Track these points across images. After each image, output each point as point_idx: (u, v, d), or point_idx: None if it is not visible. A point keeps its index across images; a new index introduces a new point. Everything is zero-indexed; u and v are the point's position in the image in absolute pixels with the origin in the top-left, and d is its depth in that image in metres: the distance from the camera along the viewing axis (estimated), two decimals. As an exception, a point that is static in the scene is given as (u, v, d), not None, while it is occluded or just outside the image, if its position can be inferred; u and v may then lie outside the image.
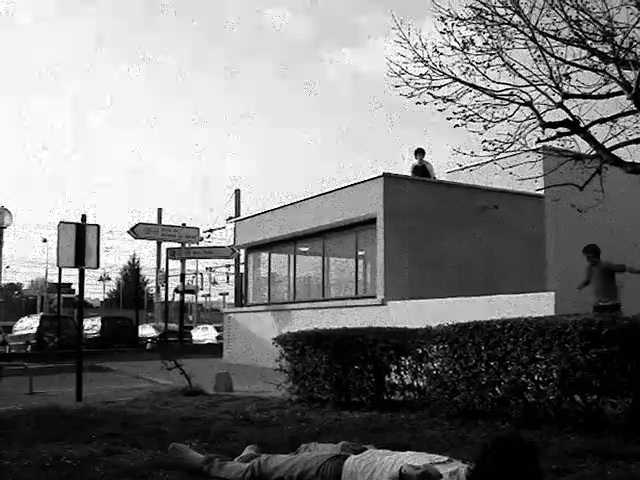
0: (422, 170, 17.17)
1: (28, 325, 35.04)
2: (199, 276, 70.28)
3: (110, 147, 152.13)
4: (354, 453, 4.63)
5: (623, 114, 10.58)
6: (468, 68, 10.68)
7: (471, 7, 10.52)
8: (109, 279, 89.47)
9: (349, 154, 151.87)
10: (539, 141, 10.83)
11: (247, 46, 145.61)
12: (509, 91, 10.62)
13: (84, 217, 11.38)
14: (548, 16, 10.26)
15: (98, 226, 11.42)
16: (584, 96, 10.63)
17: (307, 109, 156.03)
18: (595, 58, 10.42)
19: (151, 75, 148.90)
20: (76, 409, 9.06)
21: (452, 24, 10.57)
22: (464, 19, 10.58)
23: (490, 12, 10.49)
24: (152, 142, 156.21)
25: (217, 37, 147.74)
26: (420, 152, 17.48)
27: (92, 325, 37.41)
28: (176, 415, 8.48)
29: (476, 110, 10.68)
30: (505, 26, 10.49)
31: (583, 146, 10.98)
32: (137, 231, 31.33)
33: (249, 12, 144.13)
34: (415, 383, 8.84)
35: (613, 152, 10.64)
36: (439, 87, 10.83)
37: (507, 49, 10.58)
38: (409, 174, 17.06)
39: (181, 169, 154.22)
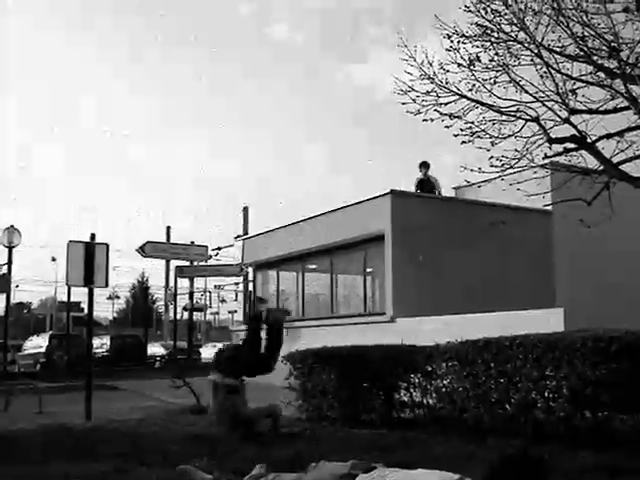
0: (427, 184, 17.01)
1: (37, 344, 35.06)
2: (207, 294, 70.26)
3: (120, 164, 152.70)
4: (363, 472, 4.61)
5: (630, 129, 10.60)
6: (474, 85, 10.76)
7: (477, 24, 10.61)
8: (118, 297, 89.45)
9: (353, 171, 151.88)
10: (546, 157, 10.88)
11: (252, 62, 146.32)
12: (516, 107, 10.68)
13: (93, 236, 11.42)
14: (554, 32, 10.34)
15: (107, 245, 11.45)
16: (591, 111, 10.67)
17: (314, 124, 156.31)
18: (601, 74, 10.46)
19: (152, 89, 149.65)
20: (85, 428, 9.05)
21: (458, 41, 10.67)
22: (470, 36, 10.67)
23: (496, 29, 10.57)
24: (159, 160, 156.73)
25: (220, 51, 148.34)
26: (424, 165, 17.25)
27: (101, 343, 37.35)
28: (185, 433, 8.46)
29: (483, 127, 10.75)
30: (511, 43, 10.56)
31: (590, 161, 11.01)
32: (146, 249, 31.31)
33: (252, 27, 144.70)
34: (425, 400, 8.81)
35: (621, 167, 10.66)
36: (446, 104, 10.92)
37: (513, 66, 10.67)
38: (414, 188, 17.04)
39: (189, 187, 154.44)
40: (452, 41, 10.59)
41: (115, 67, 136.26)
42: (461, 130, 10.79)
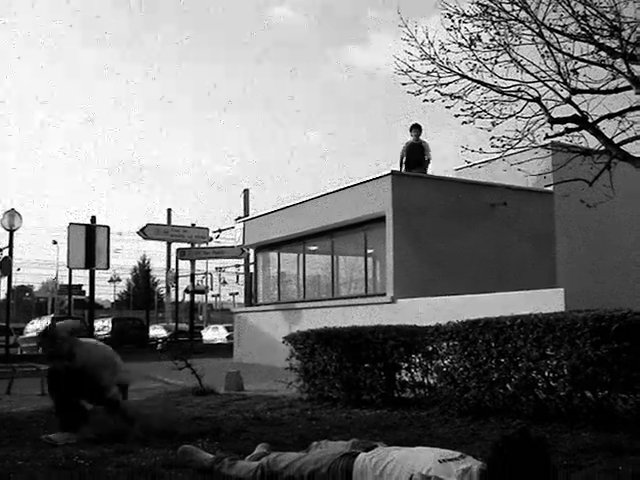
0: (417, 148, 16.51)
1: (39, 327, 35.20)
2: (209, 276, 70.45)
3: (119, 148, 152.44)
4: (365, 450, 4.63)
5: (631, 109, 10.56)
6: (475, 65, 10.69)
7: (478, 3, 10.54)
8: (119, 280, 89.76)
9: (355, 153, 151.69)
10: (547, 137, 10.84)
11: (251, 46, 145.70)
12: (517, 87, 10.62)
13: (94, 218, 11.43)
14: (555, 11, 10.27)
15: (108, 227, 11.49)
16: (592, 91, 10.62)
17: (313, 108, 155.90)
18: (603, 53, 10.40)
19: (149, 75, 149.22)
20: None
21: (459, 21, 10.60)
22: (471, 16, 10.59)
23: (497, 8, 10.49)
24: (159, 144, 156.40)
25: (219, 37, 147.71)
26: (416, 128, 16.59)
27: (103, 326, 37.55)
28: (187, 414, 8.49)
29: (484, 107, 10.70)
30: (512, 22, 10.49)
31: (592, 141, 10.98)
32: (147, 232, 31.31)
33: (251, 11, 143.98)
34: (425, 380, 8.85)
35: (622, 147, 10.62)
36: (446, 84, 10.86)
37: (514, 45, 10.59)
38: (402, 152, 16.77)
39: (189, 170, 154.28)
40: (453, 20, 10.53)
41: (116, 53, 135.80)
42: (462, 110, 10.73)
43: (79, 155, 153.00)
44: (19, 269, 67.42)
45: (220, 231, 39.03)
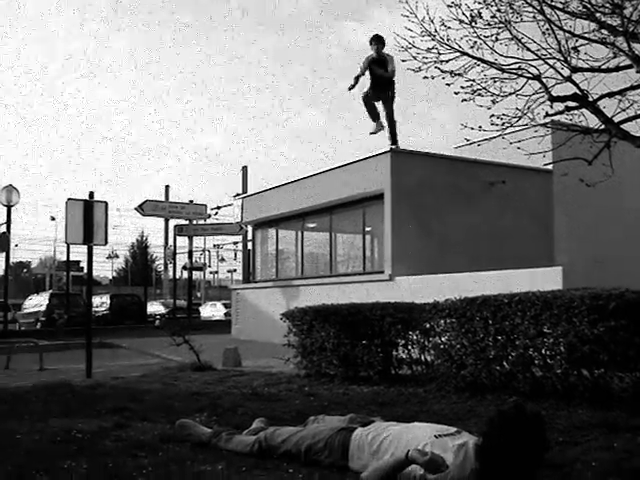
0: (378, 63, 13.96)
1: (37, 303, 35.29)
2: (207, 253, 70.47)
3: (117, 125, 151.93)
4: (362, 426, 4.65)
5: (632, 88, 10.52)
6: (476, 42, 10.63)
7: (479, -21, 10.45)
8: (117, 257, 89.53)
9: (352, 132, 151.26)
10: (547, 115, 10.79)
11: (248, 22, 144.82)
12: (517, 65, 10.57)
13: (92, 194, 11.38)
14: (557, -12, 10.18)
15: (106, 203, 11.42)
16: (593, 70, 10.57)
17: (311, 86, 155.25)
18: (604, 31, 10.34)
19: (148, 51, 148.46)
20: (86, 385, 9.12)
21: (460, -3, 10.50)
22: (472, -8, 10.51)
23: (498, -16, 10.41)
24: (158, 120, 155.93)
25: (215, 15, 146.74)
26: (377, 39, 13.92)
27: (101, 302, 37.57)
28: (185, 390, 8.53)
29: (484, 84, 10.65)
30: (513, -1, 10.41)
31: (592, 120, 10.95)
32: (144, 208, 31.23)
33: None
34: (423, 357, 8.88)
35: (622, 126, 10.59)
36: (447, 61, 10.80)
37: (515, 22, 10.52)
38: (361, 67, 14.13)
39: (188, 148, 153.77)
40: (454, -3, 10.46)
41: (114, 27, 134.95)
42: (462, 88, 10.69)
43: (78, 131, 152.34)
44: (17, 245, 67.31)
45: (219, 208, 39.02)
